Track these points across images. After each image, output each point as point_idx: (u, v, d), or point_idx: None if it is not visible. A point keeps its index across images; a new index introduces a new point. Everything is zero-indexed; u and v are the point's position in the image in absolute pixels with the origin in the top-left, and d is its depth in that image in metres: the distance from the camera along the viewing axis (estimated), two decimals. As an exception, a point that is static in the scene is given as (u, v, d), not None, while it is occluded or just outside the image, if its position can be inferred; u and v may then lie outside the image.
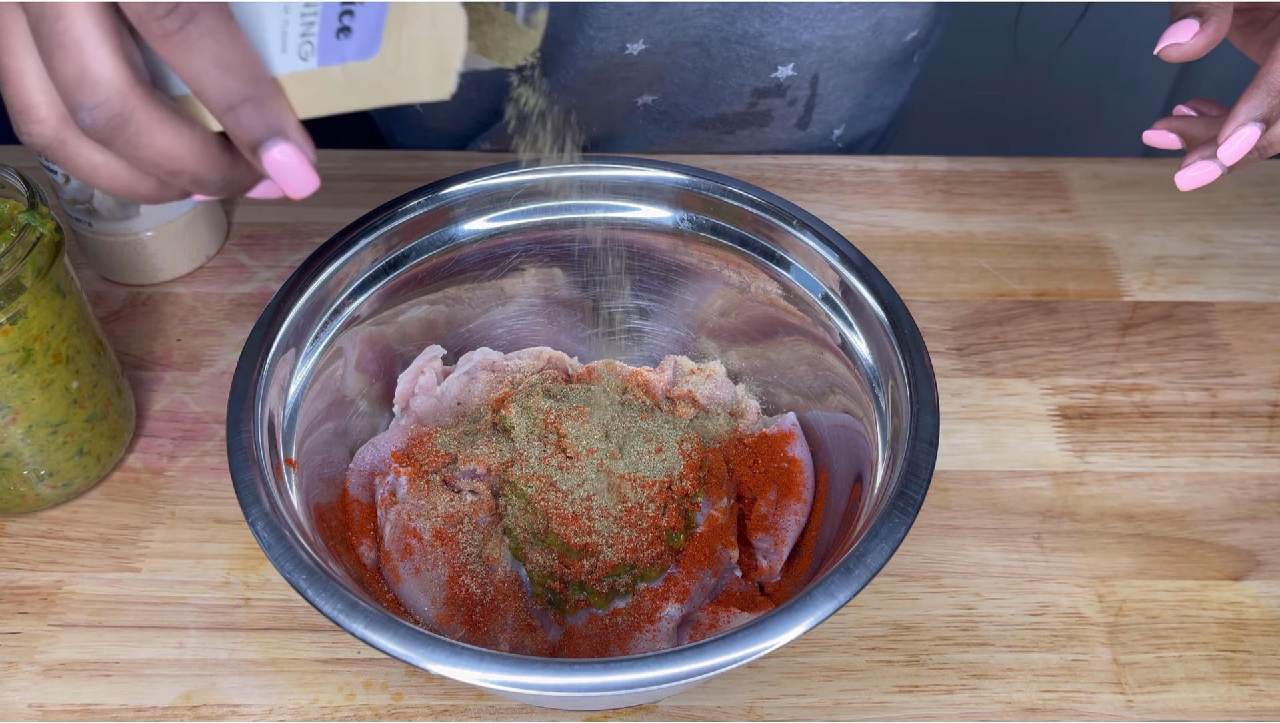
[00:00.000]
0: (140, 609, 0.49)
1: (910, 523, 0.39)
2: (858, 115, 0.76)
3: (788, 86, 0.70)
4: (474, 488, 0.47)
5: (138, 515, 0.53)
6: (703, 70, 0.68)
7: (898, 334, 0.45)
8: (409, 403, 0.52)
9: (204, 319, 0.61)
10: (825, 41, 0.67)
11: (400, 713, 0.46)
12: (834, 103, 0.73)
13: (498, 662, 0.36)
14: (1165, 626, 0.50)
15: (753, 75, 0.68)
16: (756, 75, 0.68)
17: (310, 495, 0.45)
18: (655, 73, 0.68)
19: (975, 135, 1.28)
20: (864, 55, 0.69)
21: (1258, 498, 0.54)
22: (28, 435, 0.49)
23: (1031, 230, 0.68)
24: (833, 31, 0.66)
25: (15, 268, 0.44)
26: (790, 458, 0.49)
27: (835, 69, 0.69)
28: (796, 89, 0.70)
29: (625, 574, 0.45)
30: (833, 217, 0.68)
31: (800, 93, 0.70)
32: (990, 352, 0.61)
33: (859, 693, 0.47)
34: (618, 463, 0.46)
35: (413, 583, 0.45)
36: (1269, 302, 0.64)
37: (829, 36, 0.66)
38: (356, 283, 0.49)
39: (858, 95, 0.74)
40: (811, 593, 0.37)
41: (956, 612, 0.50)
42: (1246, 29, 0.49)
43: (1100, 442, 0.57)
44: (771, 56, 0.67)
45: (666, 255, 0.53)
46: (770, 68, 0.68)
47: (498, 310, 0.55)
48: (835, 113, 0.74)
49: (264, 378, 0.44)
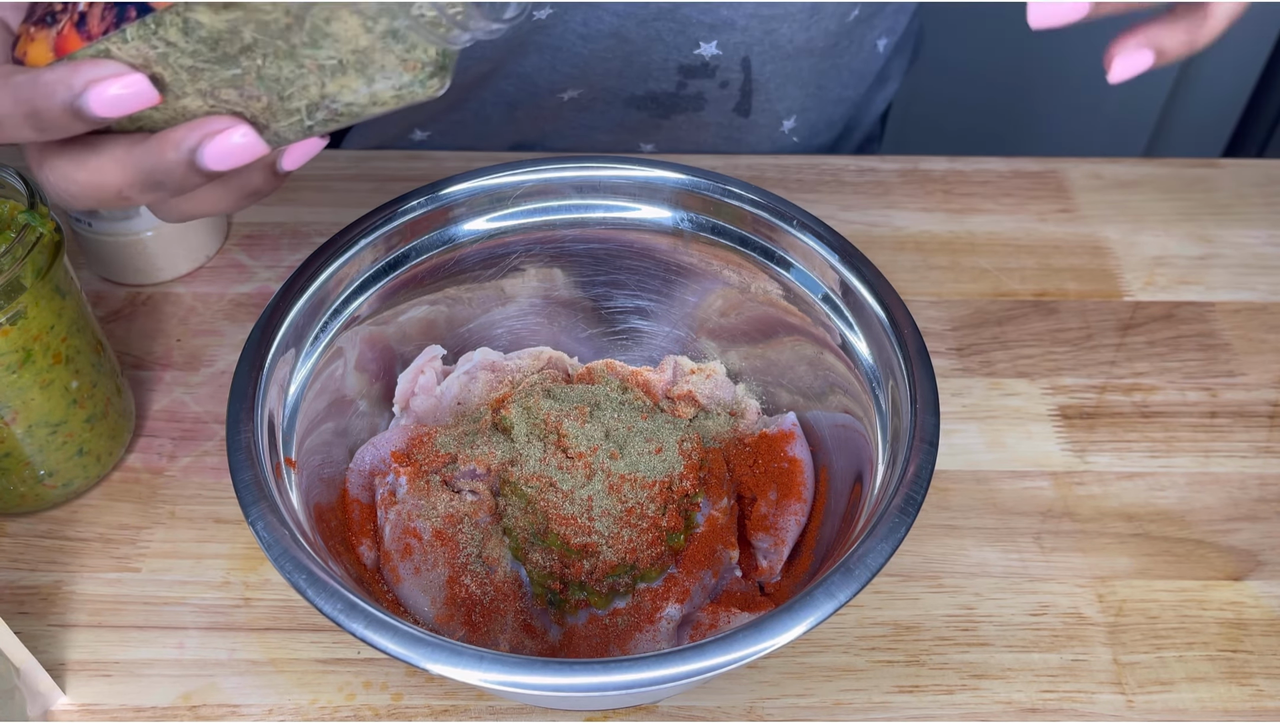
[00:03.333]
0: (140, 609, 0.49)
1: (910, 523, 0.39)
2: (811, 107, 0.74)
3: (715, 67, 0.68)
4: (474, 488, 0.47)
5: (138, 515, 0.53)
6: (624, 54, 0.68)
7: (898, 334, 0.45)
8: (409, 403, 0.52)
9: (204, 319, 0.61)
10: (749, 20, 0.66)
11: (400, 713, 0.46)
12: (777, 91, 0.71)
13: (498, 662, 0.36)
14: (1165, 626, 0.50)
15: (675, 49, 0.67)
16: (679, 50, 0.67)
17: (310, 495, 0.45)
18: (575, 67, 0.68)
19: (975, 135, 1.28)
20: (802, 41, 0.68)
21: (1258, 498, 0.54)
22: (27, 435, 0.49)
23: (1031, 230, 0.68)
24: (756, 10, 0.65)
25: (15, 268, 0.44)
26: (790, 458, 0.49)
27: (769, 54, 0.68)
28: (726, 70, 0.69)
29: (625, 574, 0.45)
30: (833, 217, 0.68)
31: (732, 75, 0.69)
32: (990, 352, 0.61)
33: (859, 693, 0.47)
34: (618, 463, 0.46)
35: (413, 583, 0.45)
36: (1269, 302, 0.64)
37: (753, 16, 0.65)
38: (356, 283, 0.49)
39: (806, 85, 0.72)
40: (811, 593, 0.37)
41: (956, 612, 0.50)
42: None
43: (1100, 442, 0.57)
44: (691, 30, 0.66)
45: (666, 255, 0.53)
46: (692, 43, 0.67)
47: (498, 310, 0.55)
48: (781, 102, 0.72)
49: (264, 378, 0.44)
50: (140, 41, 0.33)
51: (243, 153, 0.34)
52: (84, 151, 0.35)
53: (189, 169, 0.34)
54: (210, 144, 0.34)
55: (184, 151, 0.34)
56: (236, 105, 0.34)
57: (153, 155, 0.34)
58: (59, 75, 0.33)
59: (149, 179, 0.35)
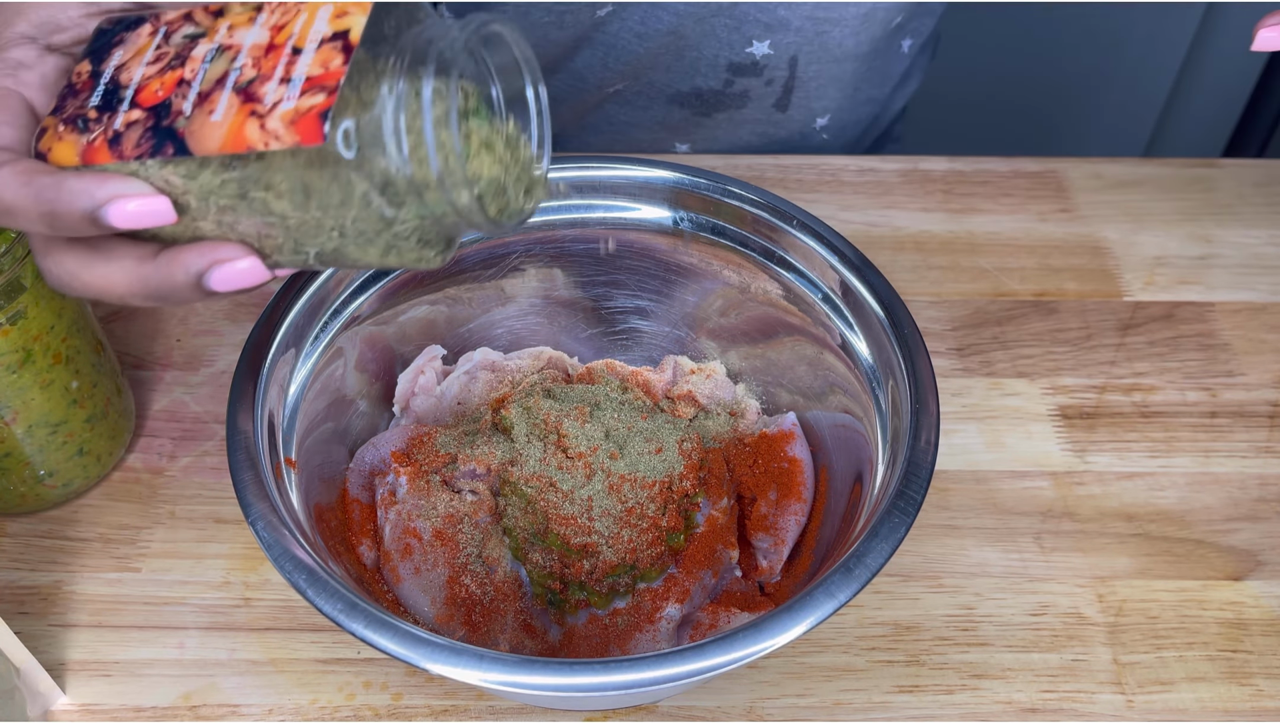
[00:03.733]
0: (140, 609, 0.49)
1: (910, 523, 0.39)
2: (845, 107, 0.75)
3: (764, 66, 0.69)
4: (474, 488, 0.47)
5: (138, 515, 0.53)
6: (676, 51, 0.68)
7: (898, 334, 0.45)
8: (409, 403, 0.52)
9: (204, 319, 0.61)
10: (804, 22, 0.66)
11: (400, 713, 0.46)
12: (817, 91, 0.72)
13: (498, 662, 0.36)
14: (1165, 626, 0.50)
15: (727, 46, 0.68)
16: (731, 47, 0.68)
17: (310, 495, 0.45)
18: (628, 65, 0.68)
19: (975, 135, 1.28)
20: (850, 45, 0.69)
21: (1258, 498, 0.54)
22: (28, 435, 0.49)
23: (1031, 230, 0.68)
24: (812, 12, 0.66)
25: (15, 268, 0.44)
26: (790, 458, 0.49)
27: (817, 54, 0.69)
28: (774, 69, 0.69)
29: (625, 574, 0.45)
30: (833, 217, 0.68)
31: (778, 73, 0.70)
32: (990, 352, 0.61)
33: (859, 693, 0.47)
34: (618, 463, 0.46)
35: (413, 583, 0.45)
36: (1269, 302, 0.64)
37: (808, 17, 0.66)
38: (356, 283, 0.49)
39: (845, 88, 0.73)
40: (811, 593, 0.37)
41: (956, 612, 0.50)
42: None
43: (1100, 442, 0.57)
44: (747, 28, 0.66)
45: (666, 255, 0.53)
46: (745, 40, 0.67)
47: (498, 310, 0.55)
48: (819, 101, 0.73)
49: (264, 378, 0.44)
50: (173, 174, 0.34)
51: (247, 279, 0.35)
52: (92, 255, 0.36)
53: (194, 289, 0.35)
54: (219, 270, 0.35)
55: (191, 275, 0.35)
56: (248, 238, 0.35)
57: (161, 273, 0.35)
58: (84, 185, 0.33)
59: (154, 293, 0.36)
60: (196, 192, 0.34)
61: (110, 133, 0.34)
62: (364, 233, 0.34)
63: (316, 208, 0.33)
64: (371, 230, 0.34)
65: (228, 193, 0.34)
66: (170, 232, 0.36)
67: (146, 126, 0.34)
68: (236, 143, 0.32)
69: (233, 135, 0.32)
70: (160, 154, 0.33)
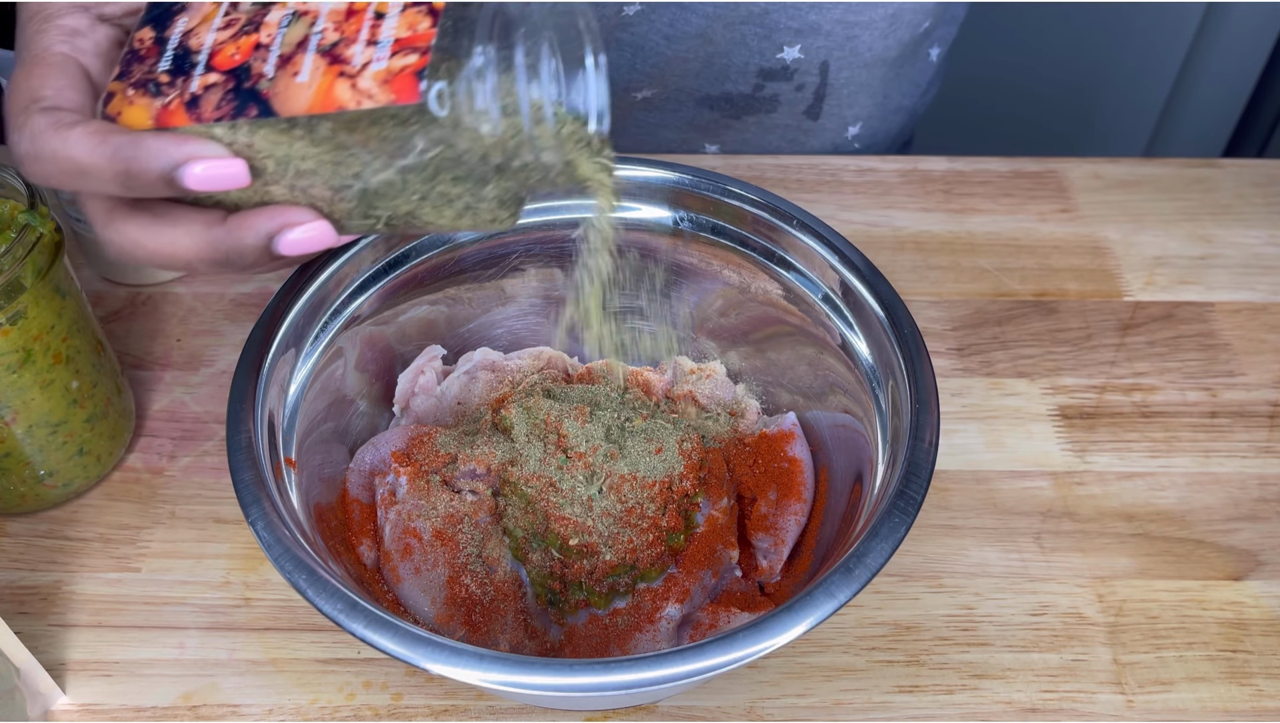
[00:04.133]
0: (140, 609, 0.49)
1: (910, 523, 0.39)
2: (876, 116, 0.75)
3: (795, 70, 0.69)
4: (474, 488, 0.47)
5: (138, 515, 0.53)
6: (705, 55, 0.68)
7: (898, 334, 0.45)
8: (409, 403, 0.52)
9: (204, 319, 0.61)
10: (834, 26, 0.66)
11: (400, 713, 0.46)
12: (849, 98, 0.72)
13: (498, 662, 0.36)
14: (1165, 626, 0.50)
15: (757, 54, 0.68)
16: (762, 54, 0.68)
17: (310, 495, 0.45)
18: (655, 67, 0.68)
19: (975, 135, 1.28)
20: (880, 49, 0.69)
21: (1258, 498, 0.54)
22: (28, 435, 0.49)
23: (1031, 230, 0.68)
24: (842, 16, 0.66)
25: (15, 268, 0.44)
26: (790, 458, 0.49)
27: (848, 60, 0.69)
28: (804, 74, 0.69)
29: (625, 574, 0.45)
30: (833, 217, 0.68)
31: (809, 79, 0.70)
32: (990, 352, 0.61)
33: (859, 693, 0.47)
34: (618, 463, 0.46)
35: (413, 583, 0.45)
36: (1269, 302, 0.64)
37: (839, 21, 0.66)
38: (356, 283, 0.49)
39: (875, 94, 0.73)
40: (811, 593, 0.37)
41: (956, 612, 0.50)
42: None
43: (1100, 442, 0.57)
44: (777, 35, 0.67)
45: (666, 255, 0.53)
46: (776, 47, 0.67)
47: (498, 310, 0.55)
48: (850, 109, 0.73)
49: (264, 378, 0.44)
50: (252, 136, 0.34)
51: (316, 243, 0.36)
52: (157, 222, 0.35)
53: (262, 253, 0.35)
54: (290, 233, 0.35)
55: (261, 238, 0.35)
56: (319, 202, 0.35)
57: (232, 237, 0.35)
58: (162, 145, 0.33)
59: (222, 257, 0.36)
60: (275, 154, 0.34)
61: (187, 96, 0.34)
62: (445, 194, 0.34)
63: (402, 169, 0.33)
64: (454, 191, 0.34)
65: (308, 155, 0.34)
66: (236, 197, 0.35)
67: (226, 89, 0.34)
68: (327, 102, 0.32)
69: (322, 95, 0.32)
70: (244, 115, 0.33)
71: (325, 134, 0.33)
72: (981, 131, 1.31)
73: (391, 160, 0.33)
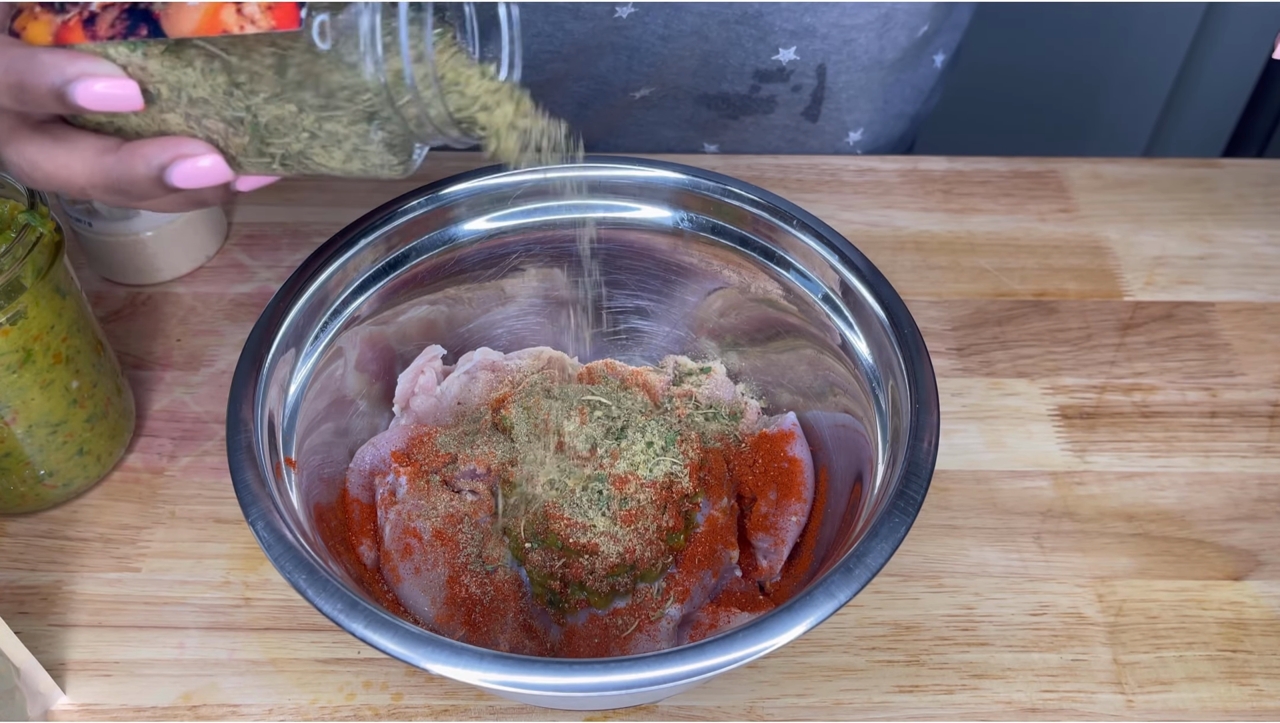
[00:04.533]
0: (140, 609, 0.49)
1: (910, 523, 0.39)
2: (878, 121, 0.75)
3: (791, 71, 0.69)
4: (474, 488, 0.47)
5: (138, 515, 0.53)
6: (701, 54, 0.68)
7: (898, 334, 0.45)
8: (409, 403, 0.52)
9: (204, 319, 0.61)
10: (830, 29, 0.66)
11: (400, 713, 0.46)
12: (848, 101, 0.72)
13: (498, 662, 0.36)
14: (1165, 626, 0.50)
15: (753, 55, 0.68)
16: (757, 55, 0.68)
17: (310, 495, 0.45)
18: (652, 66, 0.68)
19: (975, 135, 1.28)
20: (876, 52, 0.69)
21: (1258, 498, 0.54)
22: (28, 435, 0.49)
23: (1031, 230, 0.68)
24: (838, 19, 0.66)
25: (15, 268, 0.44)
26: (790, 458, 0.49)
27: (846, 63, 0.69)
28: (801, 75, 0.69)
29: (625, 574, 0.45)
30: (833, 217, 0.68)
31: (806, 80, 0.70)
32: (990, 352, 0.61)
33: (859, 693, 0.47)
34: (618, 463, 0.46)
35: (413, 583, 0.45)
36: (1269, 302, 0.64)
37: (834, 24, 0.66)
38: (356, 283, 0.49)
39: (875, 99, 0.73)
40: (811, 593, 0.37)
41: (956, 612, 0.50)
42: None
43: (1100, 442, 0.57)
44: (772, 37, 0.67)
45: (666, 255, 0.53)
46: (771, 49, 0.67)
47: (498, 310, 0.55)
48: (850, 113, 0.73)
49: (264, 378, 0.44)
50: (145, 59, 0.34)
51: (209, 176, 0.36)
52: (53, 144, 0.36)
53: (154, 183, 0.35)
54: (181, 165, 0.35)
55: (153, 167, 0.35)
56: (214, 135, 0.35)
57: (123, 165, 0.35)
58: (55, 60, 0.34)
59: (114, 185, 0.36)
60: (169, 80, 0.34)
61: (85, 14, 0.35)
62: (334, 134, 0.34)
63: (285, 101, 0.34)
64: (342, 131, 0.34)
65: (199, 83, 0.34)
66: (135, 124, 0.36)
67: (122, 10, 0.34)
68: (212, 25, 0.33)
69: (208, 18, 0.33)
70: (134, 34, 0.34)
71: (212, 60, 0.34)
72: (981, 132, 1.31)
73: (276, 92, 0.34)
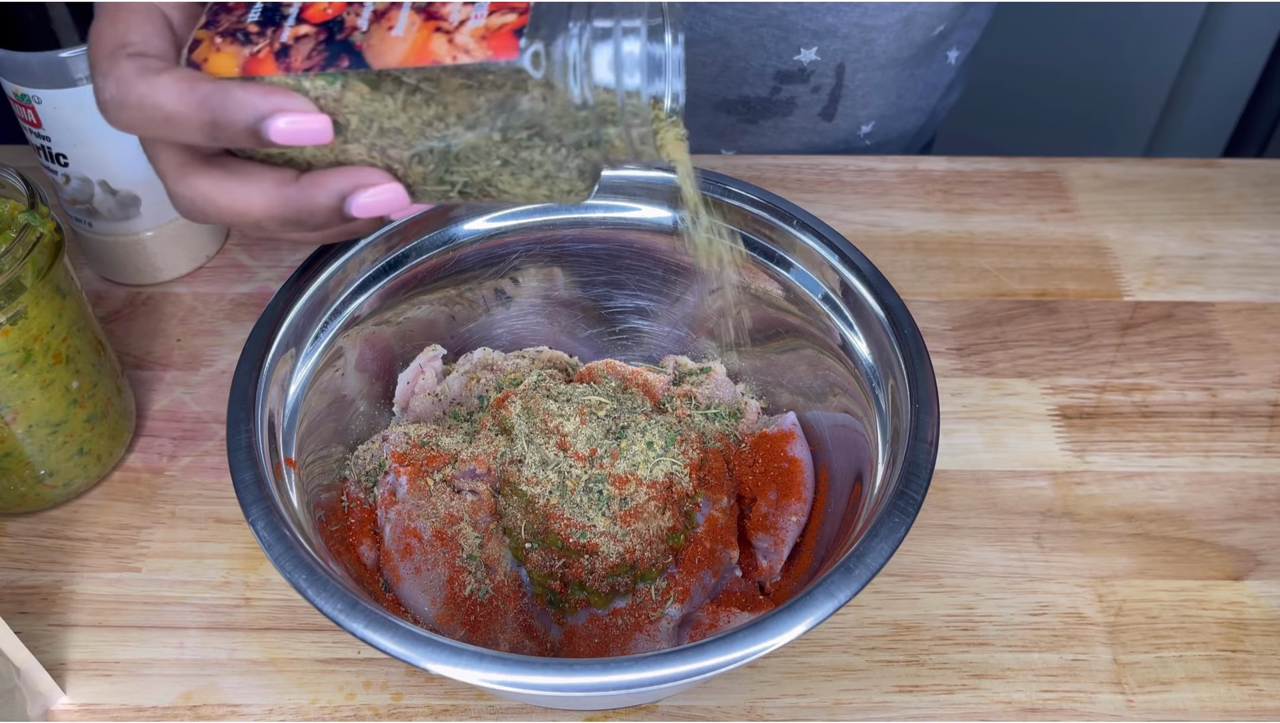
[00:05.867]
0: (140, 609, 0.49)
1: (910, 523, 0.39)
2: (890, 114, 0.75)
3: (811, 72, 0.69)
4: (474, 488, 0.47)
5: (138, 515, 0.53)
6: (724, 59, 0.68)
7: (898, 334, 0.45)
8: (409, 403, 0.52)
9: (204, 319, 0.61)
10: (851, 29, 0.66)
11: (400, 713, 0.46)
12: (863, 98, 0.72)
13: (498, 662, 0.36)
14: (1165, 626, 0.50)
15: (775, 56, 0.68)
16: (779, 56, 0.68)
17: (310, 495, 0.45)
18: None
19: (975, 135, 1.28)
20: (894, 50, 0.69)
21: (1258, 498, 0.54)
22: (28, 435, 0.49)
23: (1031, 230, 0.68)
24: (859, 19, 0.66)
25: (15, 268, 0.44)
26: (790, 458, 0.49)
27: (864, 62, 0.69)
28: (821, 75, 0.69)
29: (625, 574, 0.45)
30: (833, 217, 0.68)
31: (825, 80, 0.70)
32: (990, 352, 0.61)
33: (859, 693, 0.47)
34: (618, 463, 0.46)
35: (413, 583, 0.45)
36: (1269, 302, 0.64)
37: (855, 24, 0.66)
38: (356, 283, 0.49)
39: (889, 94, 0.73)
40: (811, 593, 0.37)
41: (956, 612, 0.50)
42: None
43: (1100, 442, 0.57)
44: (794, 37, 0.66)
45: (666, 255, 0.53)
46: (793, 49, 0.67)
47: (498, 310, 0.55)
48: (864, 108, 0.73)
49: (264, 378, 0.44)
50: (339, 91, 0.33)
51: (389, 206, 0.35)
52: (227, 177, 0.35)
53: (333, 213, 0.35)
54: (363, 194, 0.34)
55: (334, 196, 0.34)
56: (395, 164, 0.35)
57: (304, 196, 0.35)
58: (249, 95, 0.33)
59: (293, 217, 0.35)
60: (362, 111, 0.34)
61: (277, 45, 0.34)
62: (528, 161, 0.34)
63: (486, 129, 0.33)
64: (537, 159, 0.34)
65: (395, 114, 0.33)
66: (309, 154, 0.35)
67: (318, 40, 0.33)
68: (422, 55, 0.32)
69: (417, 49, 0.32)
70: (333, 66, 0.33)
71: (416, 90, 0.33)
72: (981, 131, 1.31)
73: (479, 121, 0.33)
